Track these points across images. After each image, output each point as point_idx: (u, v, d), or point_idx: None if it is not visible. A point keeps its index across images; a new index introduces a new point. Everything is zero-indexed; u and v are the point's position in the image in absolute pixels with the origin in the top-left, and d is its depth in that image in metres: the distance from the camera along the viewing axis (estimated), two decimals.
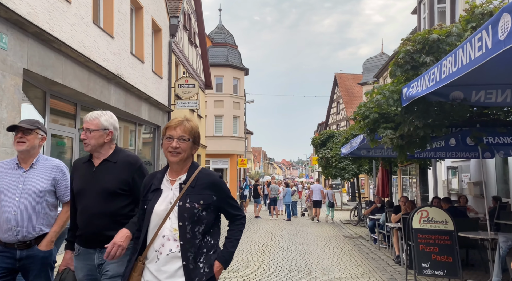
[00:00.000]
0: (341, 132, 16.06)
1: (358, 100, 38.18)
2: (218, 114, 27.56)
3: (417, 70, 4.61)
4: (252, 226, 13.56)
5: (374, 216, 10.18)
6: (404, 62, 4.67)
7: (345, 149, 10.50)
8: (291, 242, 10.11)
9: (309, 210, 17.70)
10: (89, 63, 6.97)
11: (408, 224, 5.11)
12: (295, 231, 12.66)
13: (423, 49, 4.49)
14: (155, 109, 11.21)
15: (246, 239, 10.16)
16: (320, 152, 15.58)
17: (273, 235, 11.35)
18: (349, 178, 14.90)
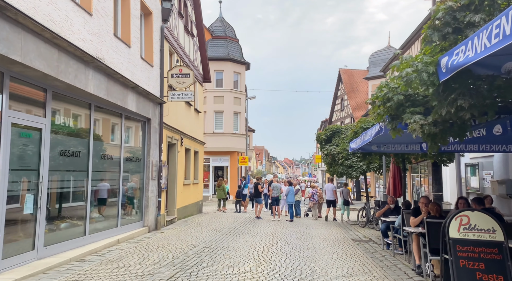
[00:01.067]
0: (348, 127, 15.01)
1: (363, 96, 37.05)
2: (218, 110, 26.55)
3: (460, 33, 3.56)
4: (252, 227, 12.53)
5: (387, 218, 9.12)
6: (443, 25, 3.61)
7: (355, 144, 9.45)
8: (295, 247, 9.07)
9: (313, 210, 16.64)
10: (58, 40, 5.95)
11: (444, 233, 4.07)
12: (299, 233, 11.62)
13: (470, 5, 3.43)
14: (145, 100, 10.18)
15: (244, 244, 9.14)
16: (325, 149, 14.53)
17: (275, 238, 10.31)
18: (356, 176, 13.85)
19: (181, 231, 11.02)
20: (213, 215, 16.30)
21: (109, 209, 9.01)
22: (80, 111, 7.70)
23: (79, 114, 7.66)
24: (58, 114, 6.92)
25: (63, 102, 7.10)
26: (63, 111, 7.10)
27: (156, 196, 11.02)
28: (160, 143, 11.23)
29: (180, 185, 13.85)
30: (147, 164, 10.61)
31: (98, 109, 8.25)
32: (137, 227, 10.05)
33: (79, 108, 7.66)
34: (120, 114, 9.25)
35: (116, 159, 9.06)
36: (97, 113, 8.23)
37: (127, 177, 9.78)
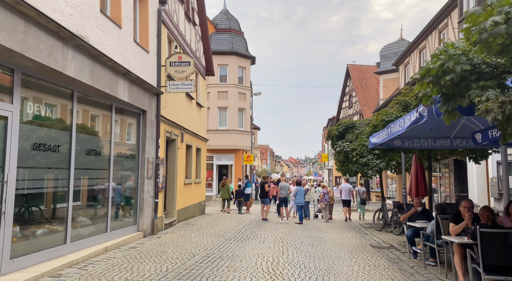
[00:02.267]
0: (363, 122, 13.82)
1: (372, 93, 35.79)
2: (222, 106, 25.46)
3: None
4: (259, 231, 11.41)
5: (414, 222, 7.96)
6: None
7: (377, 138, 8.29)
8: (308, 255, 7.94)
9: (324, 212, 15.50)
10: (23, 8, 4.86)
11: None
12: (311, 238, 10.48)
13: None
14: (139, 90, 9.09)
15: (251, 252, 8.02)
16: (338, 145, 13.37)
17: (285, 245, 9.18)
18: (372, 175, 12.69)
19: (180, 235, 9.93)
20: (217, 217, 15.21)
21: (97, 211, 7.93)
22: (60, 98, 6.62)
23: (58, 102, 6.58)
24: (30, 101, 5.83)
25: (37, 87, 6.02)
26: (37, 98, 6.02)
27: (152, 196, 9.94)
28: (157, 138, 10.14)
29: (180, 185, 12.77)
30: (142, 161, 9.53)
31: (82, 97, 7.17)
32: (131, 232, 8.97)
33: (58, 94, 6.58)
34: (110, 105, 8.17)
35: (105, 155, 7.98)
36: (81, 102, 7.15)
37: (118, 175, 8.70)
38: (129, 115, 9.20)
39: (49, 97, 6.34)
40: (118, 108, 8.52)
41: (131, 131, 9.39)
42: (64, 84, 6.51)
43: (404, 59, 21.67)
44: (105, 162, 7.98)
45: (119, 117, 8.69)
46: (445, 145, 8.51)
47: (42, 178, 6.21)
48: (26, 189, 5.78)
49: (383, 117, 8.70)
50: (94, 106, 7.76)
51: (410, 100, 8.73)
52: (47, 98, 6.27)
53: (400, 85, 22.46)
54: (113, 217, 8.38)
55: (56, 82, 6.31)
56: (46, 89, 6.22)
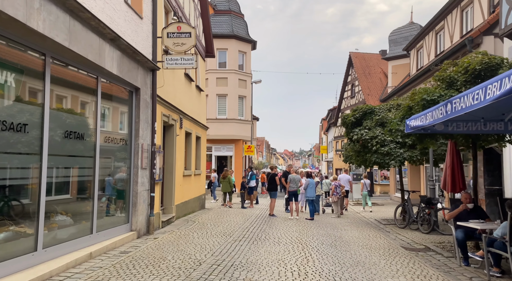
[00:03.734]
0: (383, 107, 12.37)
1: (376, 81, 34.41)
2: (221, 94, 23.92)
3: None
4: (270, 230, 10.01)
5: (465, 222, 6.58)
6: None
7: (419, 120, 6.87)
8: (337, 261, 6.56)
9: (335, 206, 14.15)
10: None
11: None
12: (330, 238, 9.11)
13: None
14: (131, 62, 7.57)
15: (268, 257, 6.61)
16: (355, 133, 11.95)
17: (305, 247, 7.80)
18: (395, 165, 11.33)
19: (180, 235, 8.49)
20: (218, 212, 13.79)
21: (79, 208, 6.46)
22: (27, 63, 5.10)
23: (25, 67, 5.05)
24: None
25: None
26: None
27: (147, 190, 8.47)
28: (153, 122, 8.64)
29: (179, 177, 11.31)
30: (135, 148, 8.04)
31: (59, 66, 5.65)
32: (122, 232, 7.52)
33: (24, 58, 5.06)
34: (95, 78, 6.64)
35: (89, 139, 6.47)
36: (57, 72, 5.63)
37: (106, 164, 7.22)
38: (119, 93, 7.69)
39: (11, 60, 4.81)
40: (105, 83, 7.01)
41: (122, 113, 7.88)
42: (31, 44, 4.98)
43: (417, 43, 20.24)
44: (89, 147, 6.48)
45: (107, 95, 7.18)
46: (498, 129, 7.13)
47: (2, 166, 4.71)
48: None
49: (423, 96, 7.29)
50: (75, 79, 6.23)
51: (457, 75, 7.31)
52: (8, 62, 4.75)
53: (411, 71, 21.07)
54: (100, 214, 6.92)
55: (21, 40, 4.78)
56: (5, 50, 4.69)
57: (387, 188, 30.89)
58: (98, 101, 6.70)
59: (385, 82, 34.37)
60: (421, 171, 17.94)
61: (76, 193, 6.52)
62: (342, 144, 38.74)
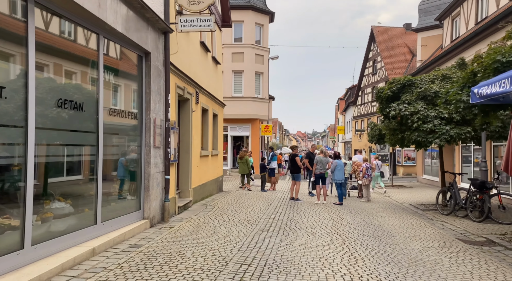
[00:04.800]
0: (425, 78, 10.88)
1: (399, 57, 32.41)
2: (237, 70, 22.53)
3: None
4: (298, 217, 8.87)
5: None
6: None
7: (493, 87, 5.52)
8: (390, 259, 5.39)
9: (365, 190, 12.92)
10: None
11: None
12: (368, 227, 7.93)
13: None
14: (139, 20, 6.33)
15: (306, 253, 5.47)
16: (392, 108, 10.56)
17: (344, 239, 6.63)
18: (440, 144, 9.97)
19: (199, 224, 7.42)
20: (237, 195, 12.72)
21: (80, 194, 5.39)
22: (3, 7, 3.91)
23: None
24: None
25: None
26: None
27: (161, 171, 7.38)
28: (167, 93, 7.45)
29: (195, 157, 10.20)
30: (146, 123, 6.90)
31: (45, 16, 4.45)
32: (132, 221, 6.47)
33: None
34: (96, 36, 5.44)
35: (90, 110, 5.33)
36: (42, 21, 4.44)
37: (112, 142, 6.10)
38: (126, 57, 6.49)
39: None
40: (109, 42, 5.80)
41: (130, 81, 6.70)
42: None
43: (452, 11, 18.36)
44: (90, 121, 5.34)
45: (110, 59, 5.99)
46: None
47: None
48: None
49: (496, 58, 5.88)
50: (68, 34, 5.04)
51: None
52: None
53: (444, 42, 19.28)
54: (106, 201, 5.85)
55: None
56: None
57: (411, 169, 29.47)
58: (100, 65, 5.51)
59: (409, 57, 32.36)
60: (457, 151, 16.46)
61: (76, 175, 5.45)
62: (362, 123, 37.13)
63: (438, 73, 10.91)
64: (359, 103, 37.85)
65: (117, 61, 6.22)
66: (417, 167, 22.68)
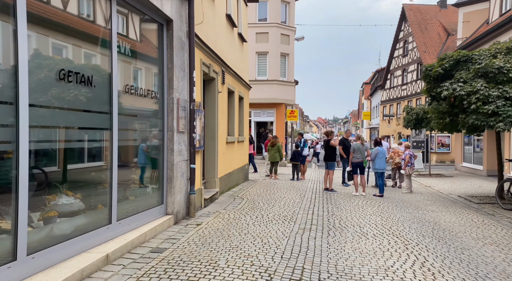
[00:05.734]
0: (484, 52, 9.44)
1: (433, 37, 30.28)
2: (261, 52, 21.31)
3: None
4: (340, 212, 7.80)
5: None
6: None
7: None
8: (471, 271, 4.29)
9: (407, 180, 11.66)
10: None
11: None
12: (424, 225, 6.79)
13: None
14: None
15: (364, 261, 4.42)
16: (444, 88, 9.21)
17: (404, 242, 5.53)
18: (504, 128, 8.64)
19: (229, 220, 6.45)
20: (266, 185, 11.73)
21: (91, 187, 4.48)
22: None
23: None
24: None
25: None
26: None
27: (186, 160, 6.42)
28: (191, 70, 6.42)
29: (222, 143, 9.22)
30: (169, 103, 5.91)
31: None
32: (154, 217, 5.56)
33: None
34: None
35: (101, 85, 4.36)
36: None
37: (129, 125, 5.16)
38: (144, 24, 5.47)
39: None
40: (123, 7, 4.79)
41: (149, 54, 5.69)
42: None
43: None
44: (101, 98, 4.38)
45: (125, 26, 4.98)
46: None
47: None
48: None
49: None
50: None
51: None
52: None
53: (491, 17, 17.42)
54: (124, 194, 4.94)
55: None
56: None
57: (444, 156, 27.80)
58: (113, 33, 4.50)
59: (444, 37, 30.21)
60: (506, 137, 14.87)
61: (88, 163, 4.54)
62: (391, 108, 35.33)
63: (501, 46, 9.44)
64: (388, 87, 35.98)
65: (134, 29, 5.21)
66: (455, 153, 21.09)
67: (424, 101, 27.38)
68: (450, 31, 29.95)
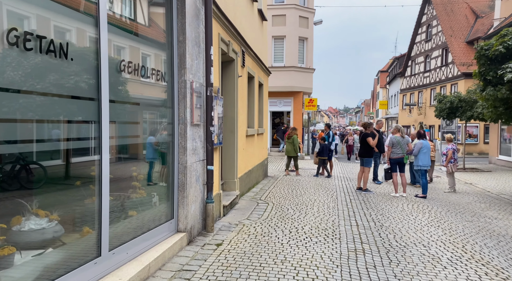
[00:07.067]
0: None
1: (460, 20, 28.20)
2: (278, 36, 19.76)
3: None
4: (388, 222, 6.40)
5: None
6: None
7: None
8: None
9: (450, 178, 10.16)
10: None
11: None
12: (501, 240, 5.36)
13: None
14: None
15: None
16: (509, 70, 7.67)
17: (495, 270, 4.13)
18: None
19: (257, 238, 5.10)
20: (288, 183, 10.36)
21: (70, 205, 3.16)
22: None
23: None
24: None
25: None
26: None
27: (202, 160, 5.07)
28: (208, 44, 5.02)
29: (241, 137, 7.86)
30: (180, 88, 4.53)
31: None
32: (161, 237, 4.24)
33: None
34: None
35: (82, 60, 3.00)
36: None
37: (126, 115, 3.81)
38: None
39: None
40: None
41: (153, 22, 4.30)
42: None
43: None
44: (81, 78, 3.02)
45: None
46: None
47: None
48: None
49: None
50: None
51: None
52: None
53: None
54: (119, 212, 3.63)
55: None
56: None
57: (472, 148, 26.05)
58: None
59: (472, 19, 28.13)
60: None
61: (65, 172, 3.22)
62: (411, 97, 33.47)
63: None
64: (408, 74, 34.04)
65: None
66: (491, 146, 19.41)
67: (449, 89, 25.57)
68: (479, 13, 27.86)
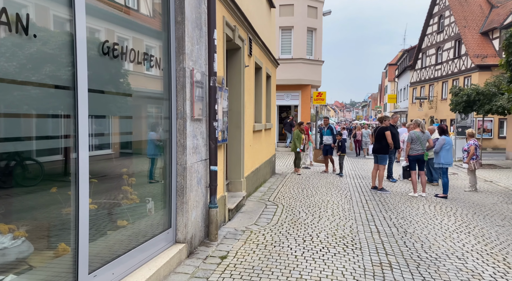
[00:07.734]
0: None
1: (475, 9, 27.18)
2: (285, 26, 19.01)
3: None
4: (410, 226, 5.75)
5: None
6: None
7: None
8: None
9: (472, 176, 9.46)
10: None
11: None
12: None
13: None
14: None
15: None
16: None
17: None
18: None
19: (267, 248, 4.49)
20: (297, 182, 9.73)
21: (43, 218, 2.55)
22: None
23: None
24: None
25: None
26: None
27: (205, 160, 4.45)
28: (211, 27, 4.37)
29: (248, 133, 7.22)
30: (178, 77, 3.91)
31: None
32: (157, 249, 3.64)
33: None
34: None
35: (50, 37, 2.38)
36: None
37: (111, 108, 3.19)
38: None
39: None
40: None
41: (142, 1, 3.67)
42: None
43: None
44: (50, 60, 2.40)
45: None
46: None
47: None
48: None
49: None
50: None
51: None
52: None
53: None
54: (105, 224, 3.03)
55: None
56: None
57: (486, 142, 25.19)
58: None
59: (487, 9, 27.09)
60: None
61: (32, 175, 2.62)
62: (422, 90, 32.54)
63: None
64: (419, 67, 33.08)
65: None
66: (508, 140, 18.59)
67: (463, 82, 24.67)
68: (495, 2, 26.81)
